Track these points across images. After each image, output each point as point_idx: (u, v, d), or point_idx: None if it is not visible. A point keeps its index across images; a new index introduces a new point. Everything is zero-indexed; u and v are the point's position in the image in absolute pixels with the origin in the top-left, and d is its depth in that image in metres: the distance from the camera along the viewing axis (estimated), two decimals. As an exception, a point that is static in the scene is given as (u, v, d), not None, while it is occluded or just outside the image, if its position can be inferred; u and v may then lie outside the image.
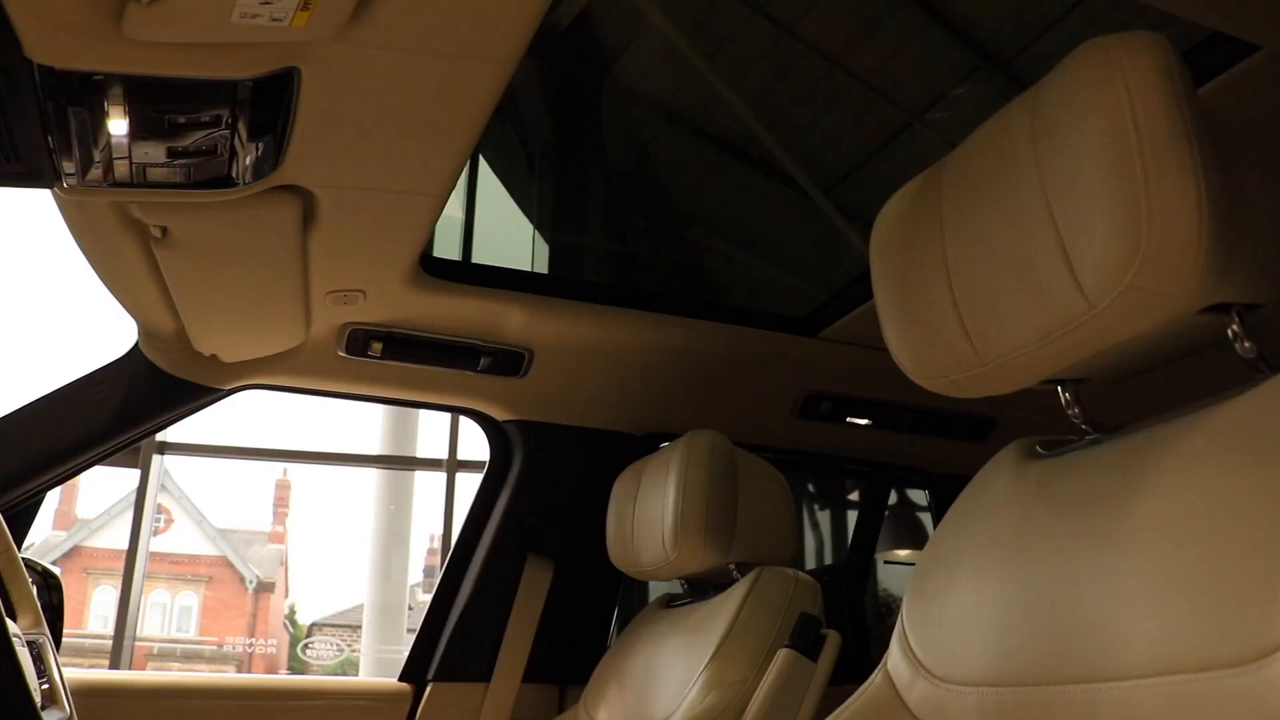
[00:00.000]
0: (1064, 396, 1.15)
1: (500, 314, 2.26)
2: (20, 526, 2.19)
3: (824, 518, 3.61)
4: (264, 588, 28.90)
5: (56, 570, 2.13)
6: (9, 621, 1.45)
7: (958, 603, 1.16)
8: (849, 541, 3.18)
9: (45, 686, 1.61)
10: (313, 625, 28.32)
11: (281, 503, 31.29)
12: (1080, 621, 0.98)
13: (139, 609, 6.23)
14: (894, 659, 1.23)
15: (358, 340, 2.28)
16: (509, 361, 2.40)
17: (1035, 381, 1.10)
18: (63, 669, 1.82)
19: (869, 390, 2.62)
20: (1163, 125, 0.89)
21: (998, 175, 1.03)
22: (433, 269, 2.14)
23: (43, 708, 1.46)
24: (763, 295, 3.72)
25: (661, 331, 2.37)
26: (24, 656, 1.46)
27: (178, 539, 27.70)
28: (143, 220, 1.67)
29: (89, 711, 1.90)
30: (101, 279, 1.94)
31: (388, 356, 2.33)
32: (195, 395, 2.32)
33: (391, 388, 2.51)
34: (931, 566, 1.24)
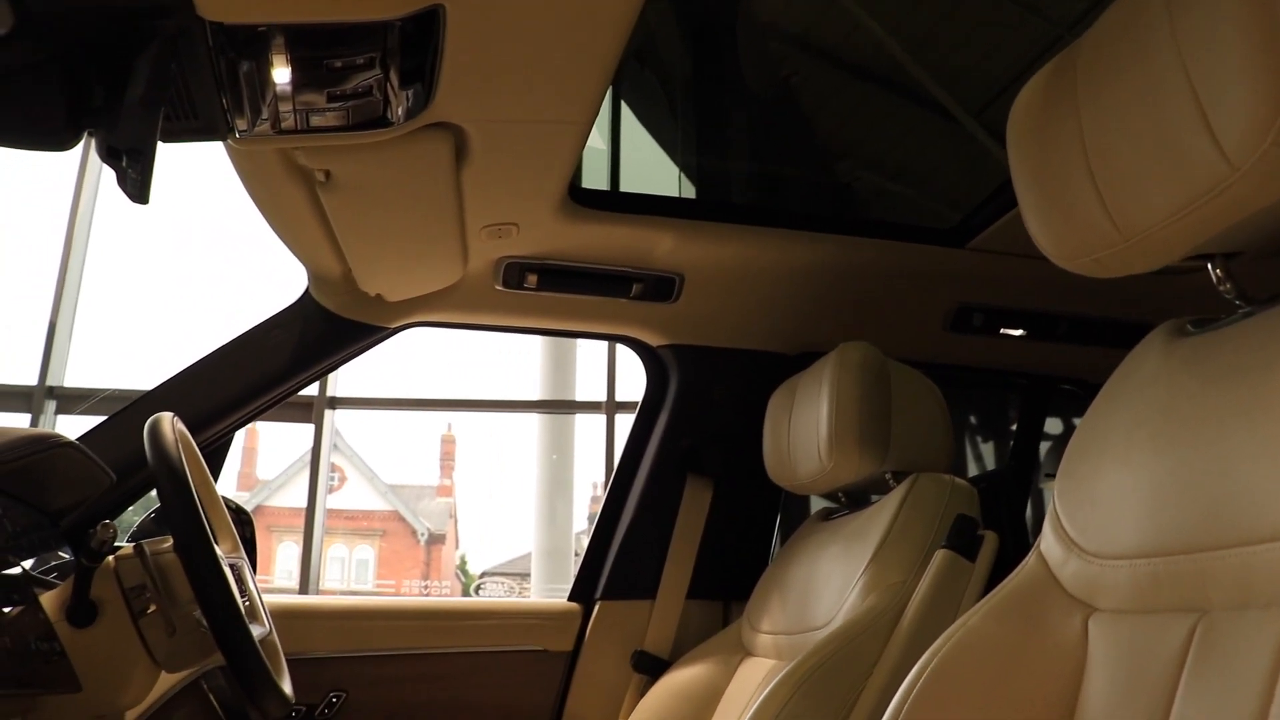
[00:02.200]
0: (1214, 273, 1.13)
1: (649, 240, 2.31)
2: (214, 464, 2.35)
3: (981, 434, 3.57)
4: (435, 540, 29.93)
5: (248, 508, 2.28)
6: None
7: (1108, 480, 1.17)
8: (1008, 456, 3.15)
9: (246, 604, 1.74)
10: (483, 574, 29.22)
11: (448, 457, 32.33)
12: (1233, 488, 0.99)
13: (320, 562, 6.55)
14: (1046, 541, 1.25)
15: (513, 273, 2.37)
16: (660, 287, 2.46)
17: (1181, 256, 1.09)
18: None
19: (1022, 301, 2.58)
20: None
21: (1132, 49, 1.03)
22: (582, 199, 2.20)
23: (246, 622, 1.58)
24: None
25: (810, 250, 2.38)
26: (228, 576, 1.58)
27: (351, 496, 28.87)
28: (307, 166, 1.77)
29: (284, 629, 2.03)
30: (272, 227, 2.06)
31: (543, 288, 2.41)
32: (364, 335, 2.44)
33: (548, 319, 2.60)
34: (1081, 449, 1.25)
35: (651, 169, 3.55)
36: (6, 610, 1.38)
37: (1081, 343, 2.70)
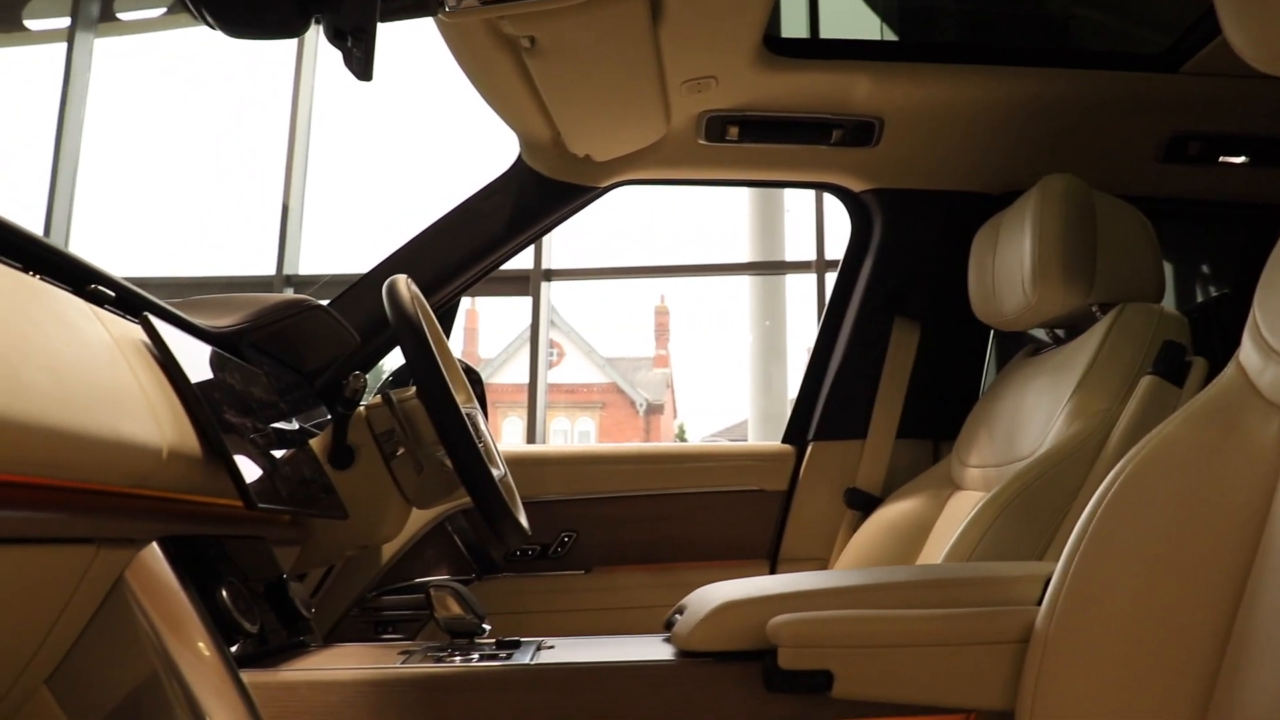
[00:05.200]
0: None
1: (847, 85, 2.32)
2: (444, 326, 2.52)
3: (1201, 271, 3.44)
4: (653, 410, 30.58)
5: (476, 368, 2.45)
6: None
7: None
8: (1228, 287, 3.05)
9: (482, 447, 1.90)
10: (701, 441, 29.74)
11: (662, 328, 32.80)
12: None
13: (544, 435, 6.84)
14: (1245, 350, 1.25)
15: (715, 126, 2.42)
16: (860, 132, 2.47)
17: None
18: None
19: (1243, 125, 2.46)
20: None
21: None
22: (777, 48, 2.23)
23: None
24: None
25: (1011, 84, 2.34)
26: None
27: (570, 370, 29.70)
28: (513, 33, 1.87)
29: (518, 475, 2.18)
30: (484, 96, 2.18)
31: (744, 139, 2.46)
32: (575, 195, 2.55)
33: (751, 169, 2.65)
34: (1281, 258, 1.24)
35: (850, 20, 3.50)
36: (282, 453, 1.56)
37: None
